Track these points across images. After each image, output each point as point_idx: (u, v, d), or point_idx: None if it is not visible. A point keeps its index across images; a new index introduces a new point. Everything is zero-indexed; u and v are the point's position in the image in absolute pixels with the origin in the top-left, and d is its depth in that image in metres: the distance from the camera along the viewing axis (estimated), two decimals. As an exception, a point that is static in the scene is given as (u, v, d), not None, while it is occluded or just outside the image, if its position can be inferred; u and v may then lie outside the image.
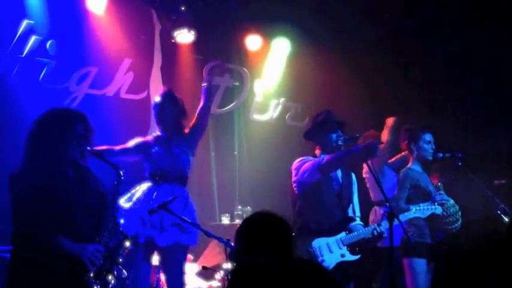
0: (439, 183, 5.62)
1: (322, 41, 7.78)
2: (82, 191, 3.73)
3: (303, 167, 4.89)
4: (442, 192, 5.49)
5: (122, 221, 4.16)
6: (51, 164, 3.66)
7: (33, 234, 3.54)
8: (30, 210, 3.55)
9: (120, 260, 3.78)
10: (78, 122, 3.78)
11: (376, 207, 6.27)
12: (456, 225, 5.42)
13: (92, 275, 3.59)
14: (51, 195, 3.59)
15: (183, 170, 5.10)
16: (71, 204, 3.64)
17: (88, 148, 3.78)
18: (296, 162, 5.00)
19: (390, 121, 6.25)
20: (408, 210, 5.19)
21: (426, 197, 5.43)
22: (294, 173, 4.97)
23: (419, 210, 5.19)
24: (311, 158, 4.98)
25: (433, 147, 5.58)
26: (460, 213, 5.44)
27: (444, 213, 5.34)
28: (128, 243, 3.84)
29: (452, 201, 5.43)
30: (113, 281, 3.69)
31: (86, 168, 3.86)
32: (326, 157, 4.85)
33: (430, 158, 5.57)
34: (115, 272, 3.72)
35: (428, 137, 5.57)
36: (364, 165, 6.02)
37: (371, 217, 6.24)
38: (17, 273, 3.57)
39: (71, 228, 3.62)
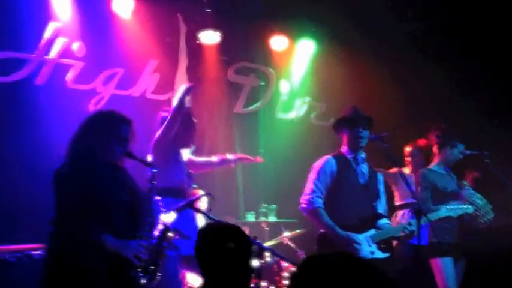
0: (464, 182, 5.64)
1: (348, 41, 7.78)
2: (120, 189, 3.82)
3: (307, 185, 4.84)
4: (468, 187, 5.45)
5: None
6: (94, 162, 3.76)
7: (80, 232, 3.61)
8: (76, 208, 3.61)
9: (165, 251, 3.88)
10: (123, 125, 3.89)
11: (398, 211, 6.27)
12: (488, 217, 5.38)
13: (139, 269, 3.68)
14: (94, 193, 3.66)
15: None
16: (109, 201, 3.72)
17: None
18: (314, 165, 4.92)
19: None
20: (438, 209, 5.14)
21: (445, 198, 5.38)
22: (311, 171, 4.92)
23: (450, 210, 5.13)
24: (330, 161, 4.87)
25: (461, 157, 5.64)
26: (490, 206, 5.39)
27: (474, 207, 5.29)
28: (170, 234, 3.92)
29: (479, 195, 5.43)
30: (159, 273, 3.78)
31: (122, 169, 3.98)
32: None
33: (453, 164, 5.64)
34: (161, 264, 3.80)
35: (462, 147, 5.64)
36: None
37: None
38: (59, 271, 3.61)
39: (109, 224, 3.69)
